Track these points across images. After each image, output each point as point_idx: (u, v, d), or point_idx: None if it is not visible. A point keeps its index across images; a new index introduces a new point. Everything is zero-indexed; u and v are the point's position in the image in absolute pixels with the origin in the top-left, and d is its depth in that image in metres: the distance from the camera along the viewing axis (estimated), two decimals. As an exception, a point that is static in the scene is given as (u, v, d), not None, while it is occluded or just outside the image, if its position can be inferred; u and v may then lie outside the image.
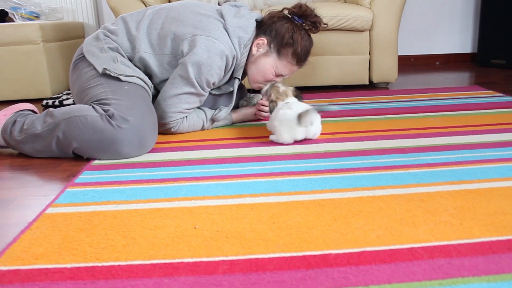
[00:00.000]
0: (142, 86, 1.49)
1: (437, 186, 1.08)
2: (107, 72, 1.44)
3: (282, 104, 1.48)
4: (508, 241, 0.82)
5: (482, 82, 2.56)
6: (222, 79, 1.61)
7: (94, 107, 1.36)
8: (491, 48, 3.14)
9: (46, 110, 1.42)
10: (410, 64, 3.44)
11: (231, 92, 1.67)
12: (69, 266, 0.79)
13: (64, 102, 2.17)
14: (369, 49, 2.44)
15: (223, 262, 0.78)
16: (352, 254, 0.79)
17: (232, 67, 1.58)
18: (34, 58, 2.45)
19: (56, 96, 2.38)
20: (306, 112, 1.37)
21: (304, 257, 0.79)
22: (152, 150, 1.43)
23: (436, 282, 0.70)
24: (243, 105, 1.82)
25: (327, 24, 1.68)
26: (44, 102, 2.21)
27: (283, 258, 0.79)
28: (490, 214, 0.93)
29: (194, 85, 1.50)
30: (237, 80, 1.63)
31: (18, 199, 1.13)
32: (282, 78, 1.67)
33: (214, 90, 1.65)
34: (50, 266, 0.79)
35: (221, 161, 1.32)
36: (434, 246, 0.81)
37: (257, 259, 0.79)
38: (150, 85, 1.56)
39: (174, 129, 1.59)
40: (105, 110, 1.34)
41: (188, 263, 0.78)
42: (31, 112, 1.52)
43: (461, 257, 0.77)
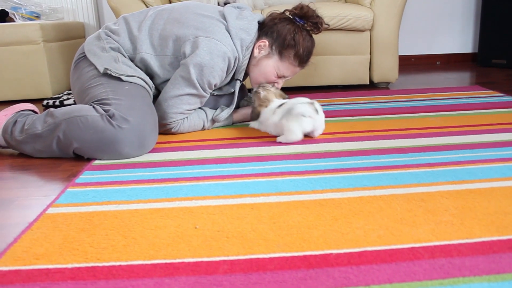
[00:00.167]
0: (143, 86, 1.49)
1: (437, 186, 1.08)
2: (108, 72, 1.44)
3: (276, 104, 1.53)
4: (509, 240, 0.82)
5: (482, 82, 2.56)
6: (224, 80, 1.61)
7: (94, 107, 1.36)
8: (492, 48, 3.13)
9: (47, 110, 1.42)
10: (410, 64, 3.44)
11: (232, 92, 1.67)
12: (70, 266, 0.79)
13: (64, 102, 2.17)
14: (369, 49, 2.44)
15: (224, 262, 0.78)
16: (353, 254, 0.79)
17: (233, 69, 1.58)
18: (35, 58, 2.45)
19: (56, 96, 2.38)
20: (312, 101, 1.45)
21: (305, 257, 0.79)
22: (152, 150, 1.44)
23: (437, 282, 0.70)
24: (244, 105, 1.82)
25: (329, 24, 1.67)
26: (44, 102, 2.21)
27: (284, 258, 0.79)
28: (490, 213, 0.93)
29: (195, 86, 1.50)
30: (238, 81, 1.63)
31: (19, 199, 1.13)
32: (285, 79, 1.67)
33: (215, 91, 1.65)
34: (51, 266, 0.79)
35: (221, 161, 1.32)
36: (435, 246, 0.81)
37: (258, 259, 0.79)
38: (151, 85, 1.56)
39: (174, 129, 1.59)
40: (105, 110, 1.34)
41: (188, 263, 0.78)
42: (32, 112, 1.52)
43: (462, 256, 0.77)
